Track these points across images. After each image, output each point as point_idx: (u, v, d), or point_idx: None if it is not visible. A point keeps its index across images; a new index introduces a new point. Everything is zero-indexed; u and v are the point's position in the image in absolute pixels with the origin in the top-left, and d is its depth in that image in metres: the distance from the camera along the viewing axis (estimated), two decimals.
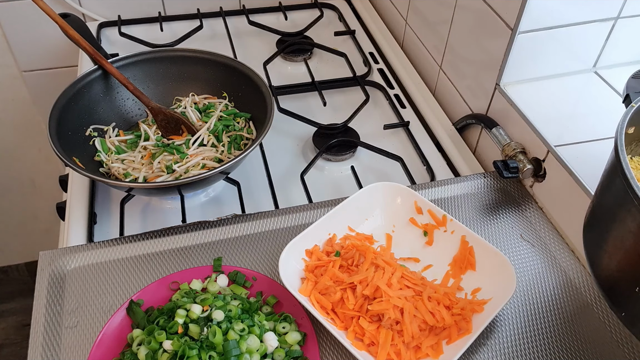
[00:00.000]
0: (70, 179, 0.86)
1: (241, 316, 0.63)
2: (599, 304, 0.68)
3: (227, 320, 0.62)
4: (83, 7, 1.23)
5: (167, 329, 0.61)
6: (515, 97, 0.82)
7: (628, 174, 0.47)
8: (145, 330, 0.63)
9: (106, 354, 0.62)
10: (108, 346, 0.63)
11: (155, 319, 0.64)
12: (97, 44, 0.89)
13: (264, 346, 0.61)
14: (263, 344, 0.61)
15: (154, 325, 0.63)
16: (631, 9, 0.79)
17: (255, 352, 0.60)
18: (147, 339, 0.61)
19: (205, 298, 0.64)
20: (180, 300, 0.65)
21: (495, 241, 0.75)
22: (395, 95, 1.05)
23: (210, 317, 0.62)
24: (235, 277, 0.69)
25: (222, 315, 0.62)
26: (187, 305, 0.63)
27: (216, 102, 0.93)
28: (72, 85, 0.84)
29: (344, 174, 0.90)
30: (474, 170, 0.89)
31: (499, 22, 0.81)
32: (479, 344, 0.64)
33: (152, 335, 0.61)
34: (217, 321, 0.61)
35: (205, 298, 0.64)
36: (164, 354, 0.59)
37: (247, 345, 0.60)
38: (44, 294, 0.68)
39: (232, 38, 1.18)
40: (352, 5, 1.32)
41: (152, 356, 0.60)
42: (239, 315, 0.63)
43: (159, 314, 0.64)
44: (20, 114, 1.42)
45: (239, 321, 0.62)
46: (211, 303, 0.63)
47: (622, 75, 0.68)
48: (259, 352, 0.60)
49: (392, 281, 0.64)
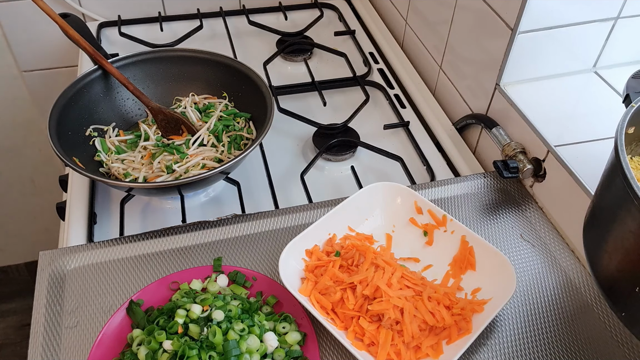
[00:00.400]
0: (70, 179, 0.86)
1: (241, 316, 0.63)
2: (599, 304, 0.68)
3: (227, 320, 0.62)
4: (83, 7, 1.23)
5: (167, 329, 0.61)
6: (515, 97, 0.82)
7: (628, 174, 0.47)
8: (145, 330, 0.63)
9: (106, 354, 0.62)
10: (108, 346, 0.63)
11: (155, 319, 0.64)
12: (97, 44, 0.89)
13: (264, 346, 0.61)
14: (263, 344, 0.61)
15: (153, 325, 0.62)
16: (631, 9, 0.79)
17: (255, 352, 0.60)
18: (147, 339, 0.61)
19: (205, 298, 0.64)
20: (180, 300, 0.65)
21: (495, 241, 0.75)
22: (395, 95, 1.05)
23: (210, 317, 0.62)
24: (235, 277, 0.69)
25: (222, 315, 0.62)
26: (187, 305, 0.63)
27: (216, 102, 0.93)
28: (72, 85, 0.84)
29: (344, 174, 0.90)
30: (474, 170, 0.89)
31: (499, 22, 0.81)
32: (479, 344, 0.64)
33: (152, 335, 0.61)
34: (217, 321, 0.61)
35: (205, 298, 0.64)
36: (164, 354, 0.59)
37: (247, 345, 0.60)
38: (44, 294, 0.68)
39: (232, 38, 1.18)
40: (352, 5, 1.32)
41: (152, 356, 0.60)
42: (239, 315, 0.63)
43: (158, 314, 0.64)
44: (20, 114, 1.42)
45: (239, 321, 0.62)
46: (211, 303, 0.63)
47: (622, 75, 0.68)
48: (259, 352, 0.60)
49: (392, 281, 0.64)
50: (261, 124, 0.82)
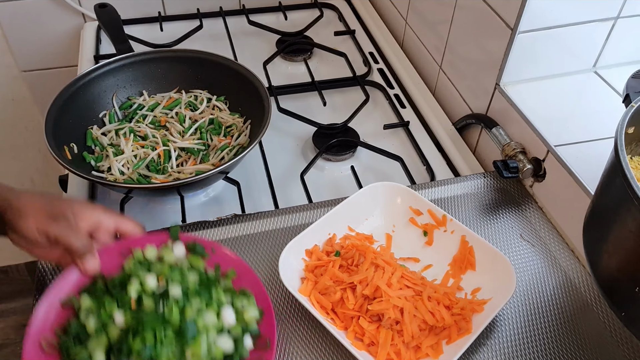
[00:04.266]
0: (70, 179, 0.86)
1: (199, 290, 0.60)
2: (599, 304, 0.68)
3: (184, 295, 0.59)
4: (83, 7, 1.23)
5: (118, 299, 0.59)
6: (515, 97, 0.82)
7: (628, 173, 0.47)
8: (95, 299, 0.60)
9: (50, 320, 0.60)
10: (53, 311, 0.61)
11: (106, 289, 0.61)
12: (124, 37, 0.89)
13: (221, 323, 0.59)
14: (220, 321, 0.59)
15: (105, 294, 0.60)
16: (631, 9, 0.79)
17: (212, 329, 0.58)
18: (97, 310, 0.59)
19: (160, 269, 0.61)
20: (134, 269, 0.61)
21: (495, 241, 0.75)
22: (395, 95, 1.05)
23: (166, 291, 0.59)
24: (193, 248, 0.66)
25: (179, 291, 0.59)
26: (140, 275, 0.60)
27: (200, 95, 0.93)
28: (68, 85, 0.84)
29: (344, 174, 0.90)
30: (474, 170, 0.89)
31: (499, 22, 0.81)
32: (479, 344, 0.64)
33: (102, 307, 0.58)
34: (174, 297, 0.59)
35: (161, 269, 0.61)
36: (115, 329, 0.57)
37: (204, 322, 0.58)
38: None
39: (232, 38, 1.18)
40: (352, 5, 1.32)
41: (102, 329, 0.57)
42: (196, 290, 0.60)
43: (111, 284, 0.61)
44: (20, 114, 1.42)
45: (197, 297, 0.59)
46: (167, 275, 0.60)
47: (622, 75, 0.68)
48: (216, 328, 0.58)
49: (392, 281, 0.64)
50: (259, 123, 0.82)
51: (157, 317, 0.57)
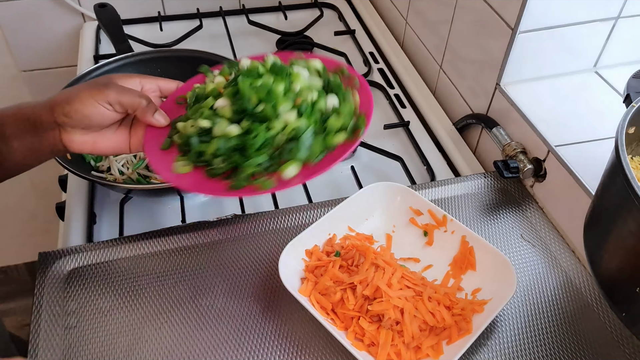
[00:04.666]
0: (70, 179, 0.86)
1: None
2: (599, 304, 0.68)
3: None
4: (82, 7, 1.23)
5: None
6: (516, 97, 0.82)
7: (629, 174, 0.47)
8: (192, 109, 0.64)
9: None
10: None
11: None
12: (124, 37, 0.88)
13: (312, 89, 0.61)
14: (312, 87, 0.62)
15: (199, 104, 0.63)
16: (631, 9, 0.79)
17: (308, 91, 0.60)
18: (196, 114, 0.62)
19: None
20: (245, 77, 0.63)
21: (496, 241, 0.75)
22: (395, 95, 1.05)
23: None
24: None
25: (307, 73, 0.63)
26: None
27: None
28: (68, 85, 0.83)
29: (344, 174, 0.90)
30: (474, 170, 0.89)
31: (499, 22, 0.81)
32: (479, 344, 0.64)
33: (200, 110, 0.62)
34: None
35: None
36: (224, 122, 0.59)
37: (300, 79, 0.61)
38: (43, 294, 0.68)
39: (231, 38, 1.18)
40: (352, 5, 1.32)
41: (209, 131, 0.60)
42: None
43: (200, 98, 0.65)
44: None
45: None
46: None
47: (623, 75, 0.68)
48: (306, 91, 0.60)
49: (392, 281, 0.64)
50: None
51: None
